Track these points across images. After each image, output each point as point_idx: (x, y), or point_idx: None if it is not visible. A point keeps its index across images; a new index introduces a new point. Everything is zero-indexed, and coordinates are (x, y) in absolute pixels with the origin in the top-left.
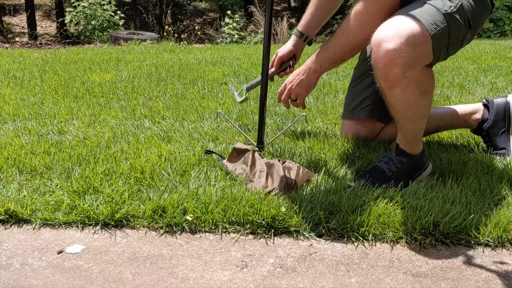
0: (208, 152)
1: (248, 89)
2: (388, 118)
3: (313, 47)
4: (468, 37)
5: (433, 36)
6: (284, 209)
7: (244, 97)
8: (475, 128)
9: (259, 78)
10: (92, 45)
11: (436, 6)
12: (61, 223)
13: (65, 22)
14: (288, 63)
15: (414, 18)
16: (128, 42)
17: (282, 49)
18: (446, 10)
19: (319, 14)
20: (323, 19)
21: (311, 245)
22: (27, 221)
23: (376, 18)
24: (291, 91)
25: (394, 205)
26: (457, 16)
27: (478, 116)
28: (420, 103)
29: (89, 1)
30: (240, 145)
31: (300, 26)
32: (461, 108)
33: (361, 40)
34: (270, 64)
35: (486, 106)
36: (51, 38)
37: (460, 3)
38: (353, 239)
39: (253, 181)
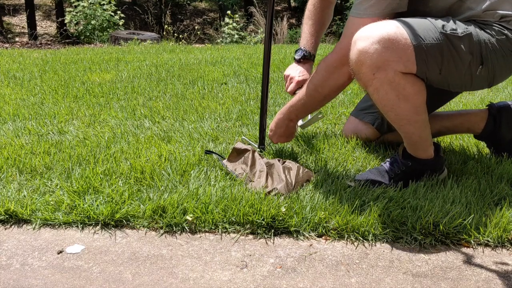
0: (208, 152)
1: (303, 127)
2: (388, 130)
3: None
4: (480, 74)
5: (416, 47)
6: (284, 209)
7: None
8: (479, 134)
9: (312, 115)
10: (92, 45)
11: (434, 24)
12: (61, 223)
13: (65, 22)
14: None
15: (398, 24)
16: (128, 42)
17: (298, 74)
18: (445, 30)
19: (318, 30)
20: (321, 34)
21: (311, 245)
22: (27, 221)
23: (339, 70)
24: (273, 140)
25: (394, 205)
26: (459, 42)
27: (481, 123)
28: (398, 107)
29: (89, 1)
30: (240, 145)
31: (308, 47)
32: (464, 114)
33: (327, 91)
34: (286, 85)
35: (489, 111)
36: (51, 38)
37: (468, 32)
38: (353, 239)
39: (253, 181)
